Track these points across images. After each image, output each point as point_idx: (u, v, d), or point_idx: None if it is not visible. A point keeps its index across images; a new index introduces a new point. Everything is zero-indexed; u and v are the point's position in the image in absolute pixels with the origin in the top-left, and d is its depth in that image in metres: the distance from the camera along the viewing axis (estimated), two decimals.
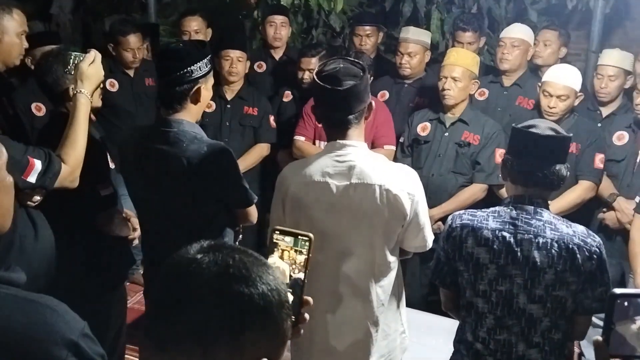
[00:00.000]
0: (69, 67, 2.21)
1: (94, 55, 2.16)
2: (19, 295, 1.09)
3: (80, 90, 2.10)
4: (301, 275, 1.10)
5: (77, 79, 2.12)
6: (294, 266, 1.10)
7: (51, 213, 1.97)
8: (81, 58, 2.17)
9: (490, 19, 4.55)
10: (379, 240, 2.00)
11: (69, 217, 2.14)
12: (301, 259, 1.11)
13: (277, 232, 1.12)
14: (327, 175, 1.97)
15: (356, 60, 2.04)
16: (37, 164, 1.89)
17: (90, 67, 2.13)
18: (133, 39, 3.90)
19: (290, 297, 1.02)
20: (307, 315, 1.11)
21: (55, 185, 1.96)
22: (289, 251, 1.11)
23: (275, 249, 1.11)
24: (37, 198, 1.93)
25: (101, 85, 2.27)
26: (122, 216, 2.42)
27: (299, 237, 1.12)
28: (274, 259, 1.10)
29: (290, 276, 1.10)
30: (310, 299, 1.11)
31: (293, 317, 1.04)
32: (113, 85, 3.89)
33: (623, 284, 3.13)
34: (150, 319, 0.86)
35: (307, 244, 1.11)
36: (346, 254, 2.02)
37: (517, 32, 3.66)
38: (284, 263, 1.10)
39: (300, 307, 1.10)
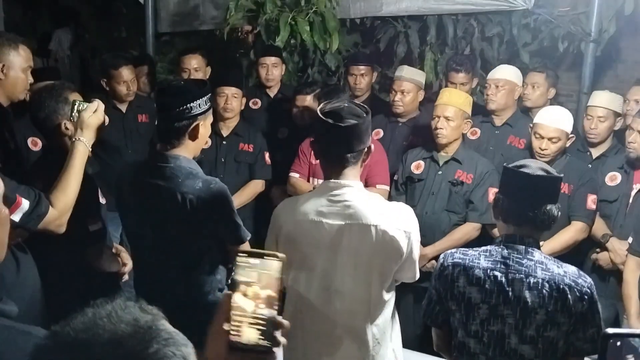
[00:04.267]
0: (72, 115, 2.22)
1: (97, 105, 2.20)
2: (12, 326, 1.09)
3: (79, 138, 2.13)
4: (266, 312, 1.04)
5: (78, 127, 2.15)
6: (259, 300, 1.05)
7: (39, 248, 1.96)
8: (84, 106, 2.20)
9: (482, 60, 4.64)
10: (375, 281, 2.00)
11: (57, 252, 2.13)
12: (268, 293, 1.04)
13: (243, 255, 1.05)
14: (322, 214, 1.97)
15: (361, 104, 2.07)
16: (25, 204, 1.90)
17: (92, 116, 2.16)
18: (125, 72, 3.92)
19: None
20: (282, 339, 1.06)
21: (39, 227, 1.96)
22: (252, 286, 1.05)
23: (237, 289, 1.05)
24: (18, 239, 1.92)
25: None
26: (111, 251, 2.40)
27: (266, 257, 1.05)
28: (237, 298, 1.05)
29: (255, 312, 1.04)
30: (285, 322, 1.07)
31: (269, 342, 1.03)
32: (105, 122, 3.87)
33: (617, 325, 3.12)
34: None
35: (275, 264, 1.05)
36: (340, 294, 2.00)
37: (501, 73, 3.74)
38: (246, 301, 1.05)
39: (275, 330, 1.05)
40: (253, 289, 1.05)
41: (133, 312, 0.85)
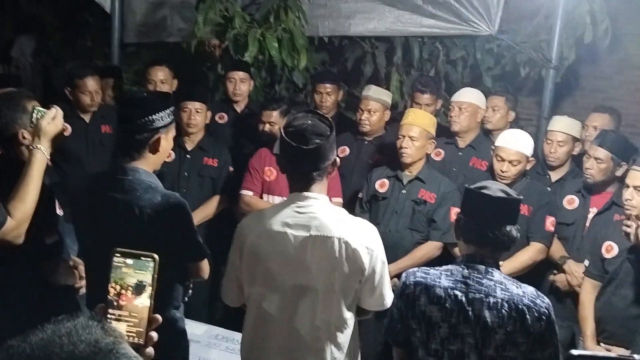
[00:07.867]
0: (31, 123, 2.16)
1: (55, 112, 2.15)
2: None
3: (37, 146, 2.07)
4: (137, 310, 1.09)
5: (35, 135, 2.09)
6: (131, 298, 1.09)
7: None
8: (42, 114, 2.15)
9: (446, 83, 4.71)
10: (336, 295, 1.99)
11: (12, 265, 2.06)
12: (141, 291, 1.09)
13: (118, 255, 1.10)
14: (287, 225, 1.97)
15: (324, 116, 2.06)
16: None
17: (51, 124, 2.11)
18: (91, 82, 3.86)
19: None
20: (154, 334, 1.10)
21: None
22: (126, 285, 1.09)
23: (112, 287, 1.09)
24: None
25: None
26: (68, 264, 2.34)
27: (142, 258, 1.11)
28: (110, 296, 1.09)
29: (126, 310, 1.09)
30: (158, 317, 1.11)
31: (140, 339, 1.07)
32: (65, 130, 3.78)
33: (573, 347, 3.16)
34: None
35: (151, 264, 1.11)
36: (302, 308, 1.99)
37: (464, 95, 3.81)
38: (119, 299, 1.09)
39: (148, 328, 1.09)
40: (127, 288, 1.10)
41: (94, 333, 0.82)
